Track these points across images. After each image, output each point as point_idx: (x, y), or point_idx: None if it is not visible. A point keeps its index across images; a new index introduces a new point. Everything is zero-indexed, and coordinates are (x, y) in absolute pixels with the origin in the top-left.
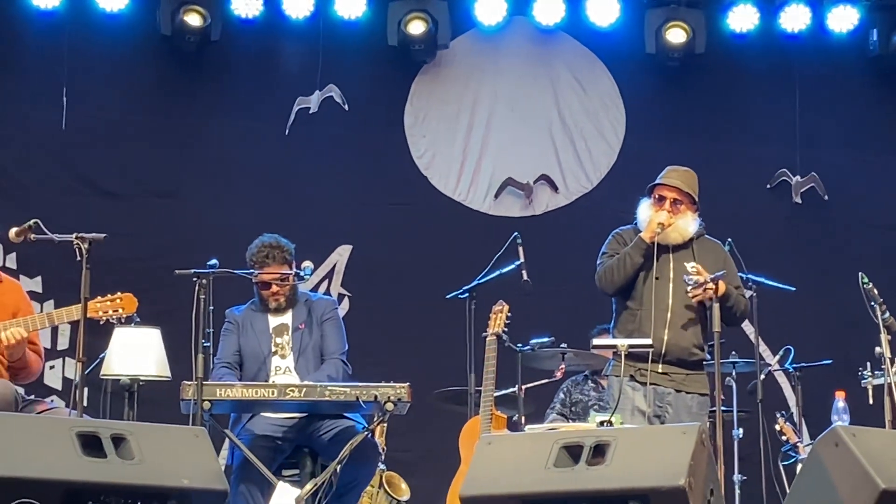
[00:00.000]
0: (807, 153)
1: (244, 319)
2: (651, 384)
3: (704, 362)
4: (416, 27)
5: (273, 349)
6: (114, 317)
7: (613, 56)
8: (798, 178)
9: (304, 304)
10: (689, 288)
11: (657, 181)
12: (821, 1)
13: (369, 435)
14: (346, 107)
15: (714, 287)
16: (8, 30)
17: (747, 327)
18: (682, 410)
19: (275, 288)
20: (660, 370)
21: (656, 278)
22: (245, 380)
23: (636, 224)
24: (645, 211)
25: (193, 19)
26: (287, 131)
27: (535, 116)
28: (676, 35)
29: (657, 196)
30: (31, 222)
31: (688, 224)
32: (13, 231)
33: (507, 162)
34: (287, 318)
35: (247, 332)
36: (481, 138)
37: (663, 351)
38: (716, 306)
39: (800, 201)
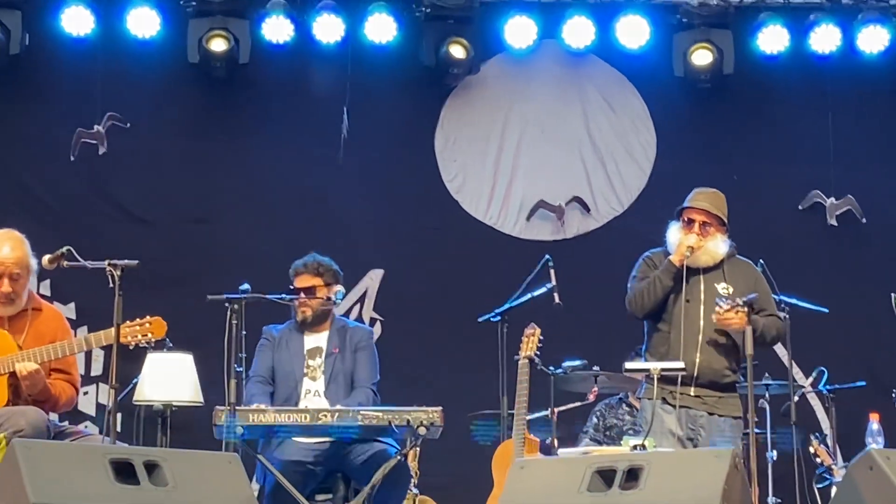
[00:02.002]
0: (840, 174)
1: (280, 338)
2: (683, 407)
3: (737, 384)
4: (458, 51)
5: (304, 371)
6: (143, 341)
7: (643, 78)
8: (833, 199)
9: (340, 329)
10: (716, 309)
11: (685, 204)
12: (851, 21)
13: (402, 459)
14: (346, 134)
15: (745, 312)
16: (42, 57)
17: (780, 349)
18: (715, 434)
19: (302, 297)
20: (692, 393)
21: (687, 301)
22: (276, 401)
23: (666, 247)
24: (674, 234)
25: (217, 44)
26: (341, 158)
27: (566, 139)
28: (702, 57)
29: (686, 219)
30: (64, 249)
31: (717, 246)
32: (46, 258)
33: (537, 185)
34: (322, 340)
35: (281, 350)
36: (512, 161)
37: (695, 374)
38: (748, 329)
39: (835, 223)
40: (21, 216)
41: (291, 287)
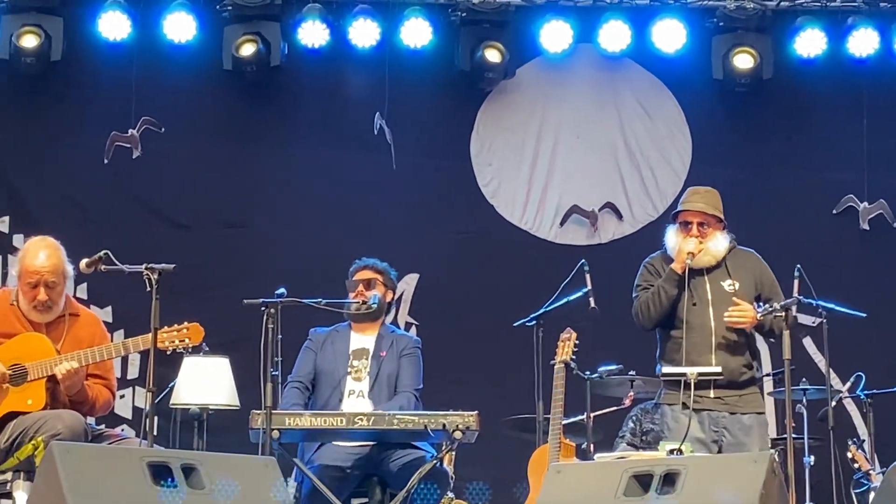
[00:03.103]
0: (875, 179)
1: (326, 339)
2: (705, 410)
3: (755, 378)
4: (494, 55)
5: (348, 370)
6: (180, 347)
7: (679, 82)
8: (866, 204)
9: (389, 335)
10: (726, 316)
11: (680, 207)
12: (889, 25)
13: (438, 463)
14: (391, 139)
15: (782, 316)
16: (79, 62)
17: (816, 355)
18: (738, 430)
19: (360, 288)
20: (712, 395)
21: (693, 304)
22: (318, 400)
23: (665, 250)
24: (672, 238)
25: (247, 49)
26: (394, 166)
27: (601, 144)
28: (744, 61)
29: (682, 222)
30: (102, 253)
31: (717, 245)
32: (84, 262)
33: (572, 190)
34: (368, 342)
35: (325, 351)
36: (547, 166)
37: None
38: (786, 333)
39: (867, 228)
40: (59, 220)
41: (349, 280)
